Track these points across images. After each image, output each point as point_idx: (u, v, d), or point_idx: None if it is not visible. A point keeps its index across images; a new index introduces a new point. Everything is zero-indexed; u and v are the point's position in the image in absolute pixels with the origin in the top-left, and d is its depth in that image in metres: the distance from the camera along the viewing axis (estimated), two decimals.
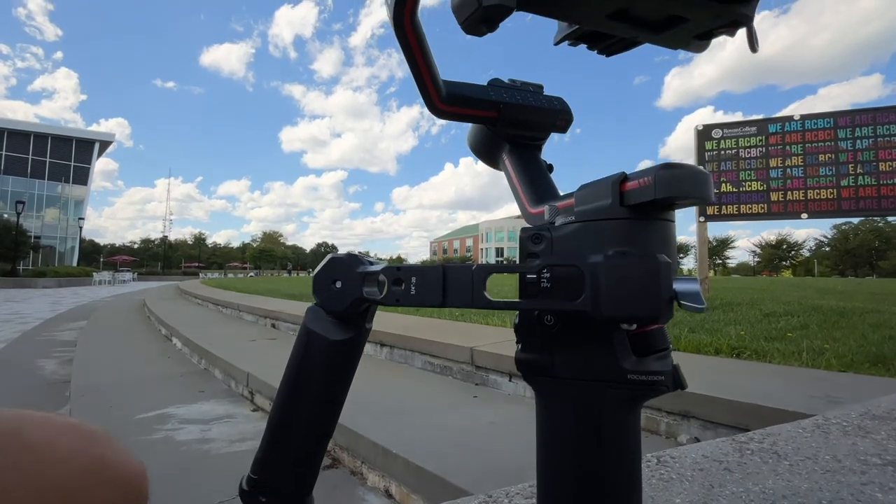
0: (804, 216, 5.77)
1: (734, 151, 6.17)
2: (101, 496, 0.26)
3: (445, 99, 0.39)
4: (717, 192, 6.21)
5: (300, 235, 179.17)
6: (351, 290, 0.37)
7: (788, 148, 5.90)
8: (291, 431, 0.39)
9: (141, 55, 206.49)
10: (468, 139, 0.48)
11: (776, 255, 68.30)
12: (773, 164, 5.95)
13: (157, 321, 6.99)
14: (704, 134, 6.34)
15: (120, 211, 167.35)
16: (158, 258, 67.67)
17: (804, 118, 5.90)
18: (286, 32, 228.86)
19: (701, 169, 0.29)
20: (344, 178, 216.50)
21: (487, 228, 79.06)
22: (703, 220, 6.10)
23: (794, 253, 68.55)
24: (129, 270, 40.10)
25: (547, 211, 0.36)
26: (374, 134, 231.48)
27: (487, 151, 0.46)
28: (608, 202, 0.30)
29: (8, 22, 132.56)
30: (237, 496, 0.41)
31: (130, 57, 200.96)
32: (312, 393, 0.39)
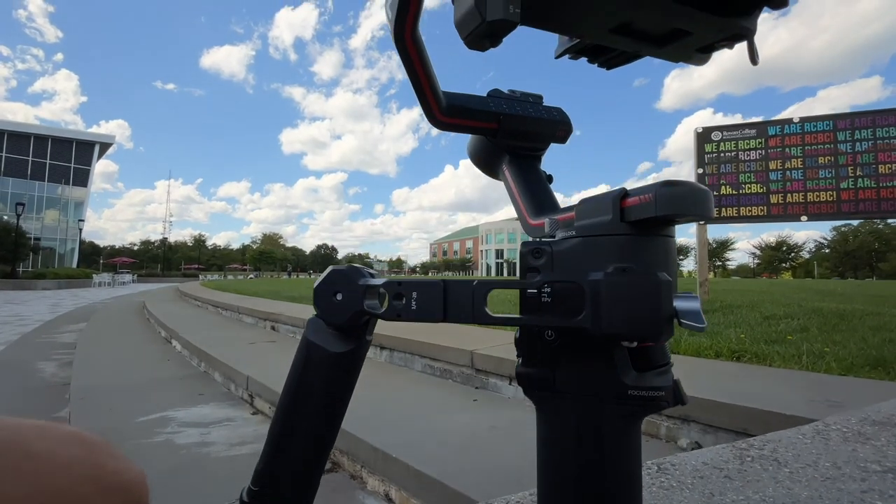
0: (804, 218, 5.78)
1: (734, 154, 6.17)
2: None
3: (446, 110, 0.40)
4: (716, 194, 6.21)
5: (300, 237, 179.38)
6: (352, 302, 0.37)
7: (788, 150, 5.91)
8: (292, 443, 0.39)
9: (141, 57, 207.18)
10: (468, 149, 0.48)
11: (776, 256, 68.31)
12: (772, 166, 5.96)
13: (156, 323, 6.98)
14: (704, 136, 6.34)
15: (120, 213, 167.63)
16: (158, 260, 67.66)
17: (803, 121, 5.91)
18: (286, 34, 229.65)
19: (701, 187, 0.29)
20: (344, 179, 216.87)
21: (487, 230, 79.08)
22: (702, 222, 6.11)
23: (793, 255, 68.56)
24: (128, 272, 40.08)
25: (547, 224, 0.36)
26: (374, 136, 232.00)
27: (487, 162, 0.46)
28: (609, 218, 0.30)
29: (8, 23, 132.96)
30: (237, 501, 0.41)
31: (131, 59, 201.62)
32: (313, 405, 0.39)
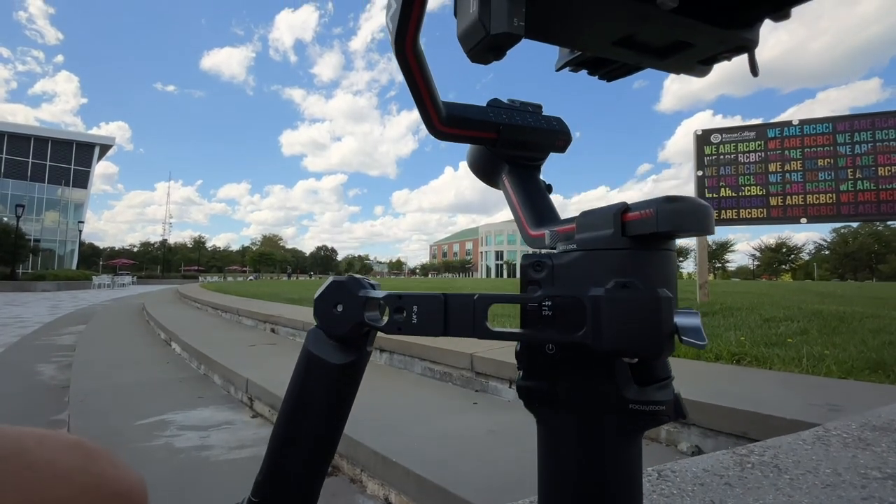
0: (803, 221, 5.78)
1: (733, 156, 6.17)
2: None
3: (445, 121, 0.40)
4: (716, 196, 6.22)
5: (300, 239, 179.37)
6: (352, 314, 0.37)
7: (787, 153, 5.91)
8: (293, 453, 0.39)
9: (142, 59, 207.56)
10: (467, 159, 0.48)
11: (776, 258, 68.37)
12: (772, 168, 5.96)
13: (156, 325, 6.98)
14: (703, 139, 6.35)
15: (120, 214, 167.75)
16: (158, 261, 67.71)
17: (803, 123, 5.92)
18: (287, 36, 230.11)
19: (703, 203, 0.29)
20: (344, 181, 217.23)
21: (487, 232, 79.16)
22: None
23: (793, 256, 68.63)
24: (128, 274, 40.14)
25: (548, 236, 0.36)
26: (374, 137, 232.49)
27: (487, 172, 0.46)
28: (610, 232, 0.30)
29: (8, 25, 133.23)
30: None
31: (131, 60, 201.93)
32: (313, 415, 0.39)
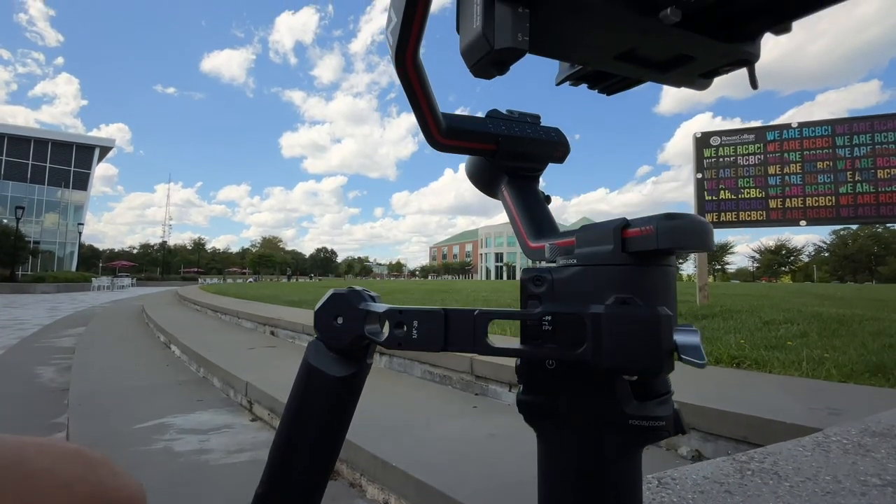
0: (803, 223, 5.79)
1: (732, 159, 6.18)
2: None
3: (445, 133, 0.40)
4: (715, 199, 6.23)
5: (300, 241, 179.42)
6: (352, 327, 0.37)
7: (787, 155, 5.92)
8: (293, 465, 0.39)
9: (142, 61, 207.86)
10: (466, 170, 0.48)
11: (775, 260, 68.42)
12: (771, 171, 5.97)
13: (155, 328, 6.97)
14: (703, 141, 6.36)
15: (119, 216, 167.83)
16: (157, 263, 67.73)
17: (802, 126, 5.92)
18: (287, 39, 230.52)
19: (702, 220, 0.29)
20: (343, 183, 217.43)
21: (487, 234, 79.16)
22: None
23: (793, 258, 68.68)
24: (127, 276, 40.14)
25: (548, 249, 0.36)
26: (373, 139, 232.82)
27: (486, 182, 0.47)
28: (610, 248, 0.30)
29: (9, 27, 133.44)
30: None
31: (132, 62, 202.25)
32: (313, 428, 0.39)
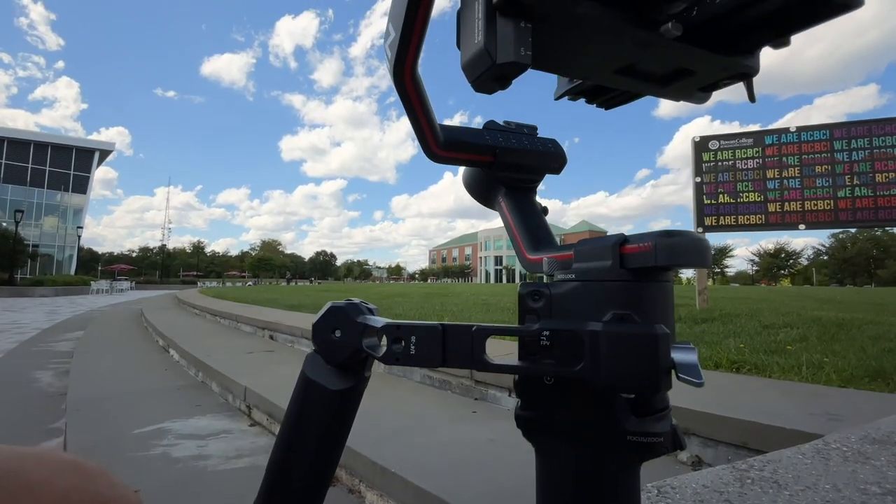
0: (801, 227, 5.80)
1: (731, 163, 6.20)
2: None
3: (442, 145, 0.40)
4: (714, 202, 6.24)
5: (299, 244, 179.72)
6: (350, 340, 0.37)
7: (785, 159, 5.94)
8: (291, 478, 0.39)
9: (142, 64, 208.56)
10: (463, 181, 0.48)
11: (774, 263, 68.50)
12: (769, 175, 5.99)
13: (154, 332, 6.96)
14: (701, 145, 6.37)
15: (119, 219, 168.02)
16: (157, 267, 67.66)
17: (800, 130, 5.94)
18: (287, 43, 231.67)
19: (701, 237, 0.29)
20: (343, 186, 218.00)
21: (486, 237, 79.22)
22: (701, 230, 6.12)
23: (792, 262, 68.77)
24: (126, 279, 40.08)
25: (545, 263, 0.36)
26: (373, 143, 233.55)
27: (483, 193, 0.47)
28: (608, 263, 0.30)
29: (9, 31, 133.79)
30: None
31: (132, 66, 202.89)
32: (311, 441, 0.39)
